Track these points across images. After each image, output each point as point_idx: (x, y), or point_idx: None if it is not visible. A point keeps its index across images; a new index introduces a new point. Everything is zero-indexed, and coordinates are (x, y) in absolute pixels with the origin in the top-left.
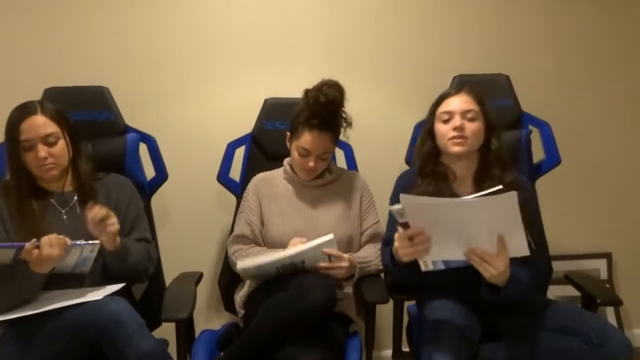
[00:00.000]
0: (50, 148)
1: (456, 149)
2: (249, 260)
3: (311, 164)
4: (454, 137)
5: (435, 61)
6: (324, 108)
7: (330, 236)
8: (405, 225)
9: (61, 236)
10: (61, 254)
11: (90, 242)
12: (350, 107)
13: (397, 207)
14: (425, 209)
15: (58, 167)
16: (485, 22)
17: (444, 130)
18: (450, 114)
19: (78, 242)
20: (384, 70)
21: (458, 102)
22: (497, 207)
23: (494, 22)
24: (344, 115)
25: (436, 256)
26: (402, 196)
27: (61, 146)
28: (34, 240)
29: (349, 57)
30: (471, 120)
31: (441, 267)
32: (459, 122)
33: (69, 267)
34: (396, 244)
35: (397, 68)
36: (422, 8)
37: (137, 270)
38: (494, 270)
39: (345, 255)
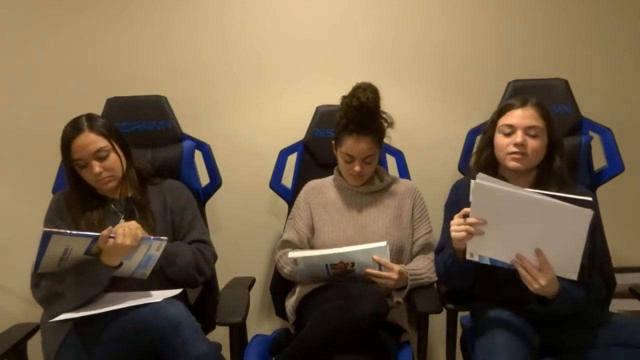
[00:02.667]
0: (103, 162)
1: (514, 164)
2: (301, 252)
3: (357, 168)
4: (513, 153)
5: (487, 66)
6: (359, 112)
7: (383, 243)
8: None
9: (136, 225)
10: (134, 244)
11: (159, 237)
12: (400, 114)
13: (476, 180)
14: (497, 195)
15: (114, 179)
16: (538, 24)
17: (504, 144)
18: (513, 128)
19: (148, 237)
20: (433, 76)
21: (522, 117)
22: (569, 219)
23: (547, 24)
24: (383, 115)
25: (485, 251)
26: (479, 175)
27: (113, 159)
28: (110, 227)
29: (396, 63)
30: (534, 137)
31: (487, 262)
32: (520, 139)
33: (132, 268)
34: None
35: (446, 73)
36: (470, 12)
37: (186, 273)
38: (536, 284)
39: (396, 267)
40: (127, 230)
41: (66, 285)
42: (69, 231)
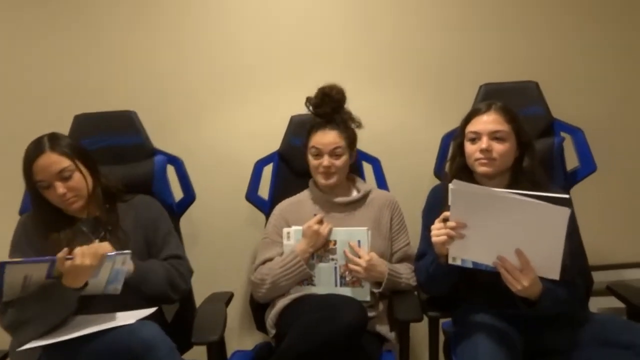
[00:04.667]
0: (67, 182)
1: (483, 169)
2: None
3: (325, 162)
4: (480, 158)
5: (460, 70)
6: (323, 108)
7: (364, 228)
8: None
9: (95, 245)
10: (94, 263)
11: (121, 252)
12: (375, 120)
13: (451, 186)
14: (474, 199)
15: (80, 199)
16: (510, 28)
17: (471, 150)
18: (478, 135)
19: (110, 253)
20: (408, 82)
21: (486, 122)
22: (547, 218)
23: (519, 28)
24: (351, 115)
25: (467, 254)
26: (454, 182)
27: (77, 178)
28: (66, 249)
29: (371, 70)
30: (500, 140)
31: (469, 265)
32: (485, 145)
33: (101, 285)
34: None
35: (421, 79)
36: (443, 17)
37: (160, 291)
38: (519, 285)
39: (366, 256)
40: (85, 250)
41: (31, 311)
42: (22, 259)
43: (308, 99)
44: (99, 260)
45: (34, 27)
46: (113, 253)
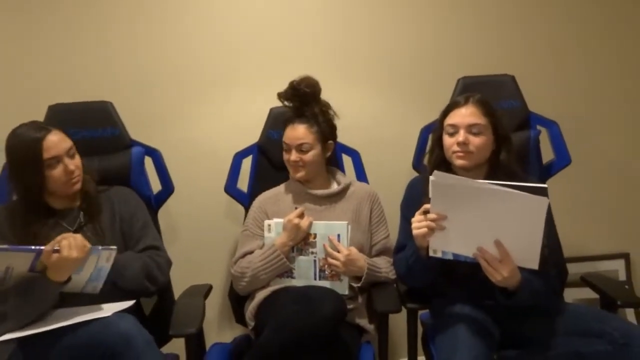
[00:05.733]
0: (73, 160)
1: (460, 162)
2: (276, 219)
3: (292, 157)
4: (457, 151)
5: (438, 63)
6: (293, 101)
7: (344, 222)
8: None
9: (80, 237)
10: (80, 256)
11: (107, 247)
12: (353, 112)
13: (432, 178)
14: (454, 190)
15: (80, 180)
16: (486, 22)
17: (449, 143)
18: (456, 128)
19: (96, 247)
20: (387, 75)
21: (463, 116)
22: (526, 208)
23: (495, 22)
24: (323, 107)
25: (448, 246)
26: (435, 173)
27: (78, 158)
28: (53, 242)
29: (349, 62)
30: (476, 134)
31: (450, 257)
32: (462, 138)
33: (82, 283)
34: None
35: (399, 72)
36: (420, 11)
37: (137, 284)
38: (499, 276)
39: (345, 251)
40: (72, 242)
41: (9, 305)
42: (8, 246)
43: (279, 94)
44: (85, 254)
45: (9, 15)
46: (99, 248)
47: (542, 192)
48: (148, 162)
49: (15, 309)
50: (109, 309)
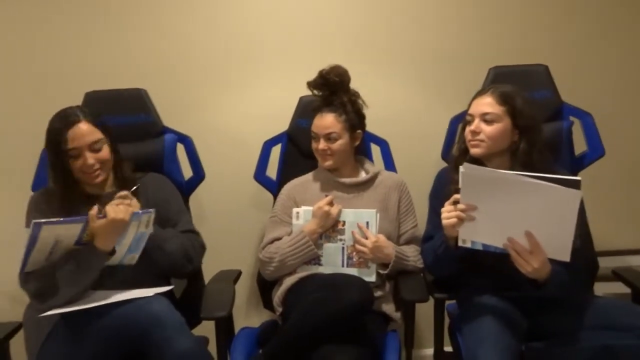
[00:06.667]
0: (97, 154)
1: (473, 150)
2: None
3: (320, 145)
4: (470, 140)
5: (471, 53)
6: (322, 90)
7: (373, 210)
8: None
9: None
10: (126, 217)
11: (146, 210)
12: (385, 103)
13: (462, 170)
14: (485, 181)
15: (103, 172)
16: (521, 12)
17: (466, 132)
18: (472, 117)
19: (137, 212)
20: (417, 64)
21: (478, 105)
22: (558, 200)
23: (530, 11)
24: (352, 97)
25: (477, 236)
26: (465, 165)
27: (106, 151)
28: (96, 207)
29: (380, 52)
30: (489, 122)
31: (479, 247)
32: (473, 126)
33: (122, 253)
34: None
35: (431, 62)
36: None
37: (174, 260)
38: (529, 267)
39: (373, 237)
40: (116, 206)
41: (59, 274)
42: (57, 219)
43: (308, 83)
44: (130, 216)
45: (42, 4)
46: (139, 212)
47: (576, 184)
48: (180, 148)
49: (67, 277)
50: (147, 292)
